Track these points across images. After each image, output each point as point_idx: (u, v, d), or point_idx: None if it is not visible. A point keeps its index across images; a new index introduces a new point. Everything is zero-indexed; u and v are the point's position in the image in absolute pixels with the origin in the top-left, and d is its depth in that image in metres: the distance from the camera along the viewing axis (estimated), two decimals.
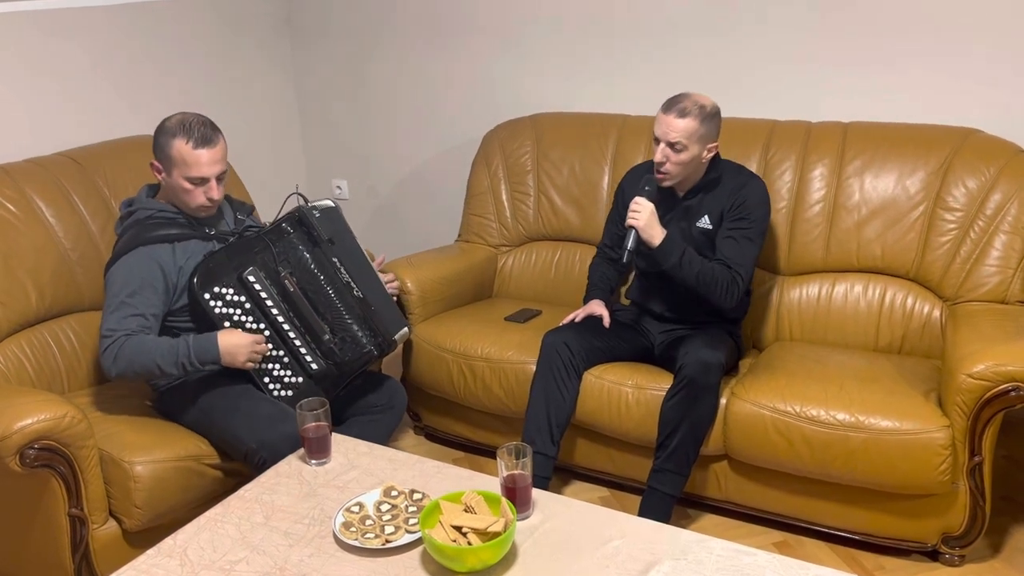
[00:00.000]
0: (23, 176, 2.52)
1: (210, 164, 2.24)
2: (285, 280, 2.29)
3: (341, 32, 3.80)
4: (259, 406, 2.23)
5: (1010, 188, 2.51)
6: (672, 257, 2.39)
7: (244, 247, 2.31)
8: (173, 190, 2.29)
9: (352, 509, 1.78)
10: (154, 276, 2.23)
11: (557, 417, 2.46)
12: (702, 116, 2.38)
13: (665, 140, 2.39)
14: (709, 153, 2.46)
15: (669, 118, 2.38)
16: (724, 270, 2.43)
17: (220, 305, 2.26)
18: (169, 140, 2.23)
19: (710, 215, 2.52)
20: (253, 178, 3.23)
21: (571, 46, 3.32)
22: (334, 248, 2.37)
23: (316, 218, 2.35)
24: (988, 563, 2.30)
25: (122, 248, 2.26)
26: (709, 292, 2.42)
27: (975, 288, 2.54)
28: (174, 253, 2.27)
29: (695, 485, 2.49)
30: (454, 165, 3.61)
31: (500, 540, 1.58)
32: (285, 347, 2.31)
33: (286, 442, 2.06)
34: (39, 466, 1.94)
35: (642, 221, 2.37)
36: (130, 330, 2.18)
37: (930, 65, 2.76)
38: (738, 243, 2.47)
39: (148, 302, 2.21)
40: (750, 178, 2.56)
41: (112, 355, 2.16)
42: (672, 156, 2.40)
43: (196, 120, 2.26)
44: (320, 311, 2.32)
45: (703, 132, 2.39)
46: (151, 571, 1.65)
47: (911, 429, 2.17)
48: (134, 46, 3.23)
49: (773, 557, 1.63)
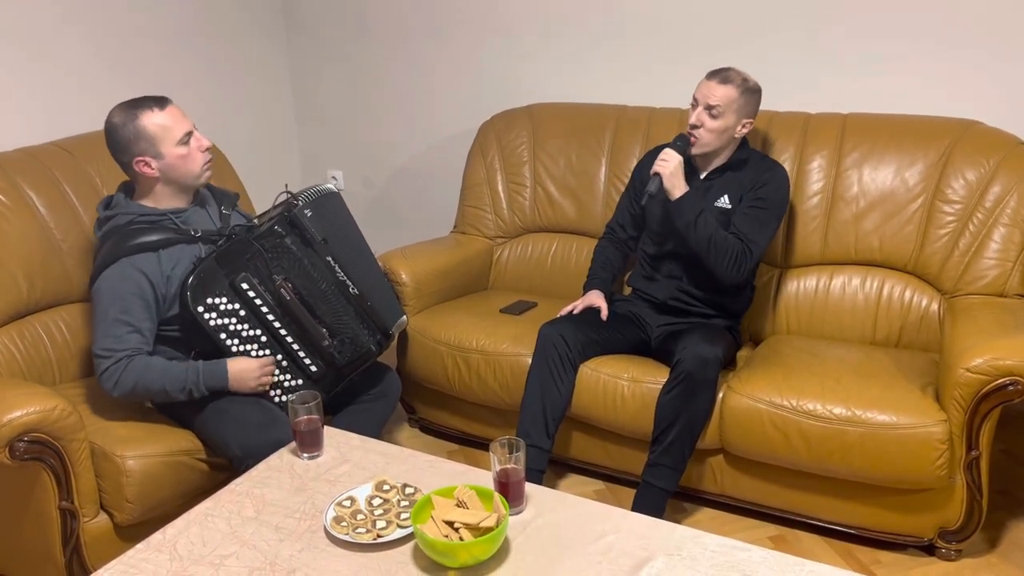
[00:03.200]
0: (13, 166, 2.49)
1: (183, 116, 2.20)
2: (281, 288, 2.22)
3: (337, 22, 3.77)
4: (248, 411, 2.17)
5: (1009, 180, 2.49)
6: (689, 214, 2.41)
7: (235, 253, 2.20)
8: (173, 171, 2.19)
9: (343, 503, 1.77)
10: (142, 289, 2.14)
11: (553, 410, 2.45)
12: (744, 88, 2.42)
13: (704, 103, 2.43)
14: (744, 129, 2.48)
15: (712, 83, 2.43)
16: (736, 241, 2.44)
17: (215, 316, 2.18)
18: (134, 123, 2.15)
19: (729, 195, 2.53)
20: (248, 168, 3.20)
21: (568, 36, 3.29)
22: (328, 246, 2.30)
23: (308, 218, 2.27)
24: (984, 558, 2.29)
25: (105, 260, 2.16)
26: (718, 260, 2.42)
27: (974, 281, 2.52)
28: (160, 262, 2.18)
29: (691, 479, 2.48)
30: (450, 156, 3.59)
31: (492, 535, 1.57)
32: (283, 351, 2.26)
33: (272, 449, 2.02)
34: (29, 459, 1.93)
35: (668, 170, 2.41)
36: (131, 349, 2.11)
37: (930, 56, 2.74)
38: (753, 220, 2.48)
39: (140, 316, 2.14)
40: (774, 165, 2.58)
41: (114, 378, 2.10)
42: (707, 121, 2.43)
43: (136, 98, 2.19)
44: (318, 315, 2.27)
45: (741, 103, 2.42)
46: (140, 566, 1.63)
47: (908, 423, 2.15)
48: (129, 35, 3.21)
49: (768, 553, 1.62)
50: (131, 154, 2.18)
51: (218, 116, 3.60)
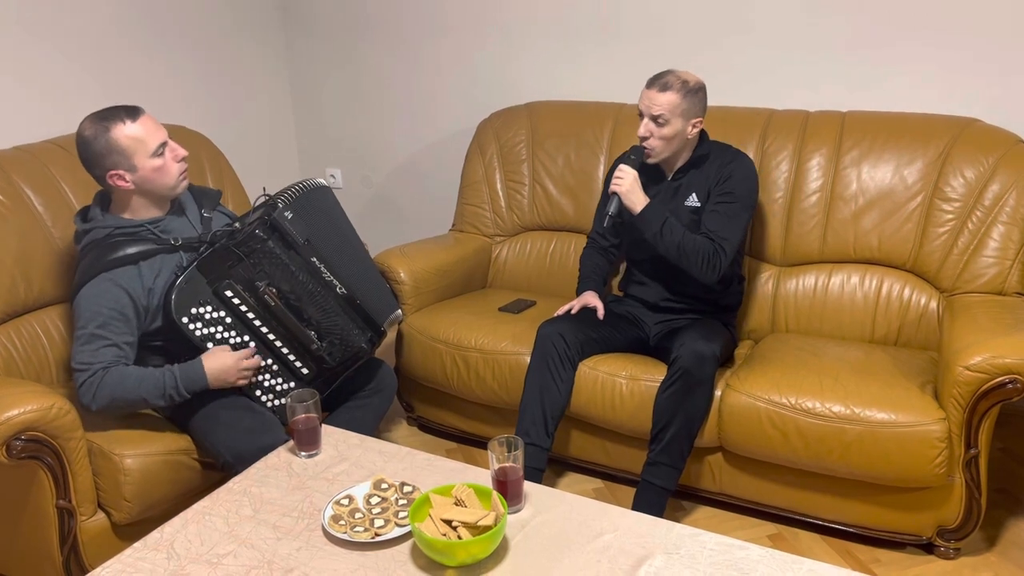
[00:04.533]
0: (10, 163, 2.49)
1: (157, 128, 2.14)
2: (265, 295, 2.18)
3: (335, 20, 3.76)
4: (240, 417, 2.15)
5: (1008, 178, 2.49)
6: (654, 225, 2.40)
7: (217, 260, 2.15)
8: (149, 183, 2.15)
9: (341, 502, 1.77)
10: (122, 304, 2.10)
11: (552, 409, 2.45)
12: (684, 91, 2.39)
13: (648, 114, 2.42)
14: (694, 129, 2.46)
15: (652, 92, 2.41)
16: (706, 242, 2.42)
17: (200, 326, 2.15)
18: (105, 136, 2.09)
19: (697, 193, 2.52)
20: (246, 167, 3.20)
21: (567, 34, 3.29)
22: (312, 247, 2.24)
23: (289, 220, 2.19)
24: (983, 556, 2.29)
25: (84, 275, 2.13)
26: (690, 264, 2.42)
27: (972, 279, 2.52)
28: (140, 274, 2.14)
29: (689, 477, 2.47)
30: (448, 154, 3.59)
31: (490, 534, 1.56)
32: (273, 355, 2.24)
33: (263, 455, 2.00)
34: (26, 457, 1.92)
35: (624, 187, 2.40)
36: (106, 362, 2.07)
37: (929, 54, 2.73)
38: (722, 216, 2.46)
39: (119, 331, 2.10)
40: (736, 155, 2.55)
41: (91, 391, 2.06)
42: (655, 130, 2.42)
43: (108, 109, 2.13)
44: (305, 318, 2.23)
45: (685, 107, 2.40)
46: (137, 564, 1.63)
47: (907, 422, 2.15)
48: (127, 33, 3.21)
49: (766, 551, 1.62)
50: (104, 168, 2.13)
51: (217, 115, 3.60)
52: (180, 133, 2.95)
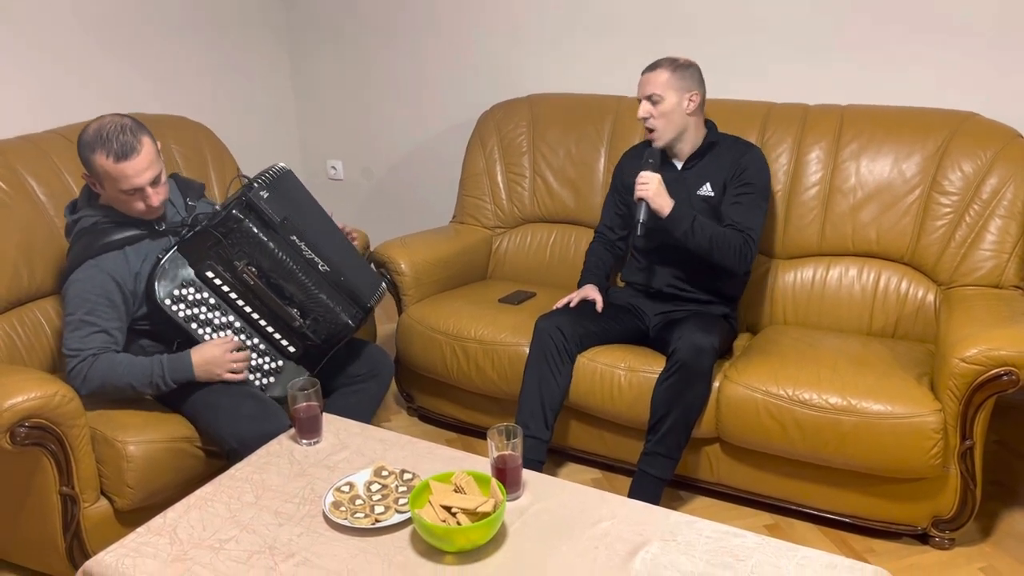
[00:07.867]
0: (14, 153, 2.50)
1: (137, 175, 2.09)
2: (244, 273, 2.20)
3: (337, 13, 3.77)
4: (241, 403, 2.17)
5: (1006, 172, 2.50)
6: (684, 223, 2.42)
7: (197, 242, 2.18)
8: (114, 203, 2.18)
9: (342, 489, 1.78)
10: (109, 290, 2.14)
11: (551, 402, 2.46)
12: (674, 67, 2.48)
13: (643, 95, 2.48)
14: (691, 103, 2.49)
15: (644, 76, 2.51)
16: (735, 234, 2.46)
17: (183, 307, 2.18)
18: (89, 155, 2.09)
19: (712, 183, 2.54)
20: (248, 159, 3.21)
21: (568, 26, 3.30)
22: (289, 226, 2.24)
23: (265, 200, 2.20)
24: (978, 547, 2.31)
25: (72, 263, 2.16)
26: (723, 256, 2.44)
27: (970, 272, 2.53)
28: (127, 260, 2.17)
29: (687, 467, 2.49)
30: (449, 146, 3.59)
31: (489, 520, 1.58)
32: (259, 334, 2.26)
33: (266, 441, 2.03)
34: (30, 444, 1.94)
35: (651, 191, 2.41)
36: (96, 348, 2.11)
37: (928, 48, 2.74)
38: (745, 207, 2.50)
39: (107, 316, 2.14)
40: (749, 147, 2.59)
41: (81, 376, 2.10)
42: (652, 109, 2.48)
43: (114, 128, 2.08)
44: (287, 295, 2.24)
45: (676, 80, 2.46)
46: (140, 549, 1.65)
47: (903, 413, 2.17)
48: (130, 24, 3.21)
49: (762, 539, 1.64)
50: (84, 168, 2.16)
51: (218, 106, 3.61)
52: (182, 124, 2.96)
